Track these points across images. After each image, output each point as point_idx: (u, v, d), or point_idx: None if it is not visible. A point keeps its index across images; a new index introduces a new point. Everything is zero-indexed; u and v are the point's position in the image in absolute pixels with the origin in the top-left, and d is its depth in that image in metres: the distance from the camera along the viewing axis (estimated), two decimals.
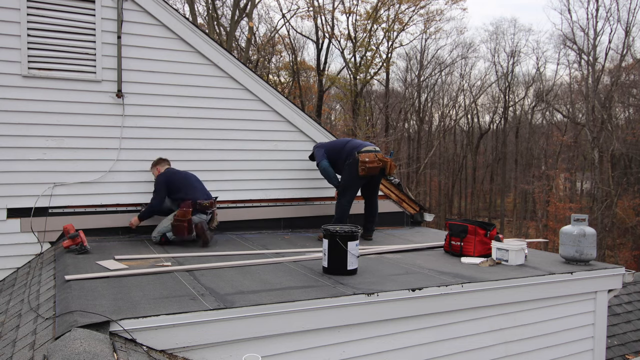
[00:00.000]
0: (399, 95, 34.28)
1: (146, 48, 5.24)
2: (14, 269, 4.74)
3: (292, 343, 3.04)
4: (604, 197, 25.00)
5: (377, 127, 29.64)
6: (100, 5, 5.00)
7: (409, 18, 27.53)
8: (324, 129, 6.35)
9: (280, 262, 4.21)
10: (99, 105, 5.06)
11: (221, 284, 3.39)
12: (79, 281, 3.33)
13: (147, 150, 5.29)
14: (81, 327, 2.40)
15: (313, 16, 25.40)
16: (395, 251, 4.96)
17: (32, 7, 4.75)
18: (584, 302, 4.34)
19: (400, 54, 35.51)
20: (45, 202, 4.86)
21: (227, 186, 5.72)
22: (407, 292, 3.37)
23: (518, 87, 37.21)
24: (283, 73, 28.93)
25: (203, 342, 2.75)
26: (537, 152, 33.76)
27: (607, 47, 28.14)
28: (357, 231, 3.75)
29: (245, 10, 21.04)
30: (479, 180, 40.13)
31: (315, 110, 25.75)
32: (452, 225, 4.84)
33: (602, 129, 25.63)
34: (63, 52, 4.90)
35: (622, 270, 4.46)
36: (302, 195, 6.18)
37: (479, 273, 3.97)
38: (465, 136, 39.35)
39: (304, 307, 3.03)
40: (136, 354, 2.39)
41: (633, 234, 24.66)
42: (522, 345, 4.01)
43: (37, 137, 4.82)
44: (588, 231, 4.39)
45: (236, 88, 5.70)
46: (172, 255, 4.35)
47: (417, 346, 3.50)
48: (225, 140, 5.69)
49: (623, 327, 6.43)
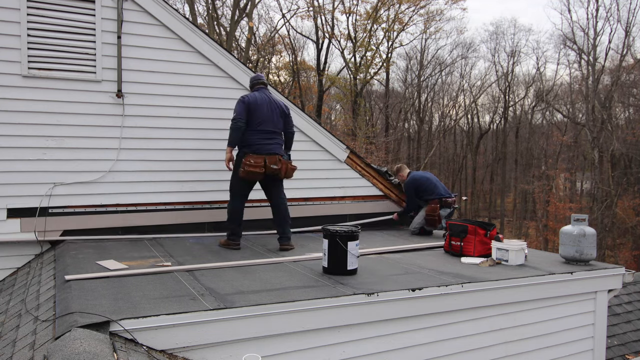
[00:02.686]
0: (399, 95, 34.30)
1: (146, 48, 5.24)
2: (14, 269, 4.73)
3: (292, 343, 3.04)
4: (604, 197, 25.01)
5: (377, 127, 29.65)
6: (100, 5, 5.00)
7: (409, 18, 27.54)
8: (324, 129, 6.35)
9: (280, 262, 4.21)
10: (99, 105, 5.06)
11: (221, 284, 3.39)
12: (79, 281, 3.33)
13: (147, 150, 5.29)
14: (81, 327, 2.40)
15: (313, 16, 25.41)
16: (395, 251, 4.96)
17: (32, 7, 4.75)
18: (584, 302, 4.34)
19: (400, 54, 35.55)
20: (45, 202, 4.85)
21: (227, 186, 5.71)
22: (407, 292, 3.37)
23: (518, 87, 37.26)
24: (283, 73, 28.95)
25: (203, 342, 2.75)
26: (537, 152, 33.75)
27: (607, 47, 28.18)
28: (357, 231, 3.76)
29: (245, 10, 21.05)
30: (479, 180, 40.13)
31: (315, 110, 25.74)
32: (452, 225, 4.85)
33: (602, 129, 25.63)
34: (63, 52, 4.90)
35: (622, 270, 4.46)
36: (302, 195, 6.18)
37: (479, 273, 3.97)
38: (465, 136, 39.35)
39: (304, 307, 3.03)
40: (136, 354, 2.39)
41: (633, 234, 24.66)
42: (522, 345, 4.01)
43: (37, 137, 4.82)
44: (588, 231, 4.39)
45: (236, 88, 5.70)
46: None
47: (417, 346, 3.50)
48: (225, 140, 5.68)
49: (623, 327, 6.42)
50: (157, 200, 5.35)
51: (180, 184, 5.47)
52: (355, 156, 6.55)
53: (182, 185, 5.48)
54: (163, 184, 5.39)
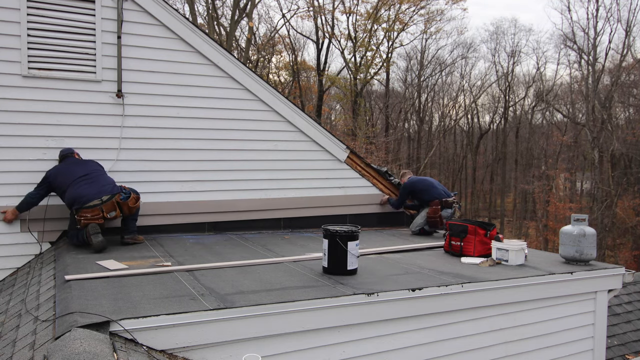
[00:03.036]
0: (399, 95, 34.31)
1: (146, 48, 5.24)
2: (14, 269, 4.73)
3: (292, 343, 3.03)
4: (604, 197, 25.01)
5: (377, 127, 29.66)
6: (100, 5, 5.00)
7: (410, 18, 27.56)
8: (324, 129, 6.35)
9: (280, 262, 4.21)
10: (99, 105, 5.06)
11: (221, 284, 3.39)
12: (79, 281, 3.33)
13: (147, 150, 5.29)
14: (81, 327, 2.40)
15: (313, 16, 25.42)
16: (395, 251, 4.96)
17: (32, 7, 4.75)
18: (584, 302, 4.34)
19: (401, 54, 35.52)
20: (45, 201, 4.85)
21: (227, 186, 5.72)
22: (407, 292, 3.37)
23: (518, 87, 37.28)
24: (283, 73, 28.97)
25: (203, 342, 2.75)
26: (537, 152, 33.76)
27: (608, 47, 28.23)
28: (357, 231, 3.76)
29: (245, 10, 21.05)
30: (479, 180, 40.13)
31: (315, 110, 25.74)
32: (452, 225, 4.85)
33: (602, 129, 25.64)
34: (63, 52, 4.90)
35: (622, 270, 4.46)
36: (302, 195, 6.18)
37: (479, 273, 3.97)
38: (465, 136, 39.37)
39: (304, 307, 3.02)
40: (136, 354, 2.39)
41: (633, 234, 24.66)
42: (522, 345, 4.00)
43: (37, 137, 4.82)
44: (588, 231, 4.39)
45: (236, 88, 5.70)
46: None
47: (417, 346, 3.50)
48: (225, 140, 5.69)
49: (623, 327, 6.42)
50: (157, 200, 5.34)
51: (180, 184, 5.47)
52: (355, 156, 6.55)
53: (182, 185, 5.48)
54: (163, 184, 5.39)
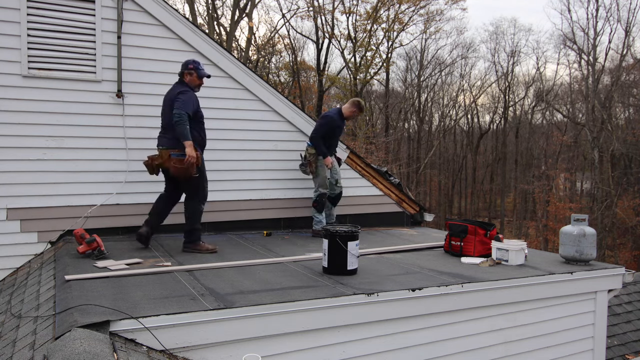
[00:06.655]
0: (399, 95, 34.29)
1: (146, 48, 5.24)
2: (13, 269, 4.73)
3: (292, 343, 3.04)
4: (604, 197, 25.00)
5: (377, 127, 29.64)
6: (100, 5, 5.00)
7: (409, 18, 27.53)
8: None
9: (280, 262, 4.21)
10: (99, 105, 5.06)
11: (221, 284, 3.39)
12: (79, 281, 3.33)
13: (147, 150, 5.28)
14: (81, 327, 2.40)
15: (313, 16, 25.39)
16: (395, 251, 4.96)
17: (32, 7, 4.75)
18: (584, 302, 4.34)
19: (400, 54, 35.51)
20: (45, 202, 4.85)
21: (227, 186, 5.72)
22: (407, 292, 3.37)
23: (518, 87, 37.24)
24: (283, 73, 28.94)
25: (203, 342, 2.75)
26: (537, 152, 33.74)
27: (607, 47, 28.17)
28: (357, 231, 3.76)
29: (245, 10, 21.05)
30: (479, 180, 40.12)
31: (315, 110, 25.72)
32: (452, 225, 4.85)
33: (602, 129, 25.62)
34: (63, 52, 4.90)
35: (622, 270, 4.46)
36: (302, 195, 6.18)
37: (479, 273, 3.97)
38: (465, 136, 39.34)
39: (304, 307, 3.03)
40: (136, 354, 2.39)
41: (633, 234, 24.64)
42: (522, 345, 4.01)
43: (37, 137, 4.82)
44: (588, 231, 4.39)
45: (236, 88, 5.70)
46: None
47: (417, 346, 3.50)
48: (225, 140, 5.69)
49: (623, 327, 6.42)
50: None
51: None
52: (355, 156, 6.55)
53: None
54: (163, 184, 5.38)
